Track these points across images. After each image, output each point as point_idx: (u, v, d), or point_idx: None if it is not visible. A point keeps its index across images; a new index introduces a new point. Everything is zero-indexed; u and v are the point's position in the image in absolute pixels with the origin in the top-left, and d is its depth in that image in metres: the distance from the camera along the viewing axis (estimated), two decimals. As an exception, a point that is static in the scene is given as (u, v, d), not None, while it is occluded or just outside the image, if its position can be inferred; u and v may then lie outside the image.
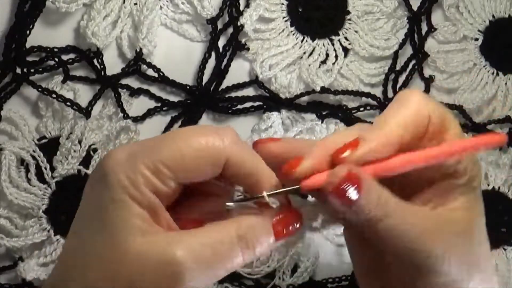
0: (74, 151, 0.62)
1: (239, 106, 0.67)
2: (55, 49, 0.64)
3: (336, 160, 0.42)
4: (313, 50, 0.68)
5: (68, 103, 0.63)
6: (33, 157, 0.62)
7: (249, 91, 0.67)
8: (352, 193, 0.41)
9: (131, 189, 0.40)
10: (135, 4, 0.66)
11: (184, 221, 0.44)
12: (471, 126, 0.68)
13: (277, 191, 0.43)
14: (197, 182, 0.43)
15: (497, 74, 0.70)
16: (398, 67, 0.69)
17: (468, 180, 0.45)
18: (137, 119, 0.65)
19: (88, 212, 0.42)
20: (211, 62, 0.67)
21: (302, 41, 0.68)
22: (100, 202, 0.41)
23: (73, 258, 0.41)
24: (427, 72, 0.69)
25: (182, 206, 0.44)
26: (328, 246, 0.65)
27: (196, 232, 0.42)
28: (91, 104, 0.65)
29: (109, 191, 0.40)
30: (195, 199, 0.45)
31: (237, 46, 0.67)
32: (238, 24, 0.66)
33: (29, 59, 0.64)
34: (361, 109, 0.68)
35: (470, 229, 0.44)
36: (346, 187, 0.41)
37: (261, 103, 0.67)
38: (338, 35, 0.68)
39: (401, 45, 0.69)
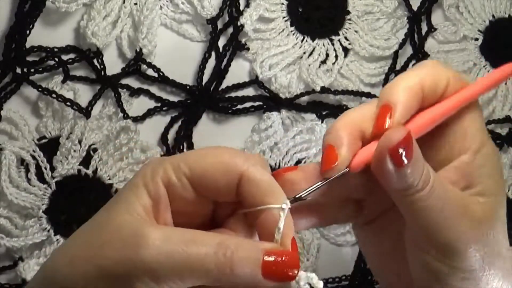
0: (74, 151, 0.62)
1: (239, 106, 0.67)
2: (55, 49, 0.64)
3: (380, 133, 0.42)
4: (313, 50, 0.68)
5: (68, 103, 0.63)
6: (33, 157, 0.62)
7: (249, 91, 0.67)
8: (407, 156, 0.41)
9: (148, 177, 0.42)
10: (135, 4, 0.66)
11: None
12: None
13: (308, 190, 0.43)
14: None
15: (497, 74, 0.70)
16: (398, 67, 0.69)
17: (483, 165, 0.45)
18: (137, 119, 0.65)
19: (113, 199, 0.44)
20: (211, 62, 0.67)
21: (302, 41, 0.68)
22: (123, 189, 0.44)
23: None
24: (427, 72, 0.69)
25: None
26: (328, 246, 0.65)
27: (180, 228, 0.42)
28: (91, 104, 0.65)
29: (134, 177, 0.43)
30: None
31: (237, 46, 0.67)
32: (238, 24, 0.66)
33: (29, 59, 0.64)
34: (361, 109, 0.68)
35: (493, 218, 0.44)
36: (402, 149, 0.41)
37: (261, 103, 0.67)
38: (338, 35, 0.68)
39: (401, 45, 0.69)
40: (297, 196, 0.43)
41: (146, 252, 0.40)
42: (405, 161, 0.41)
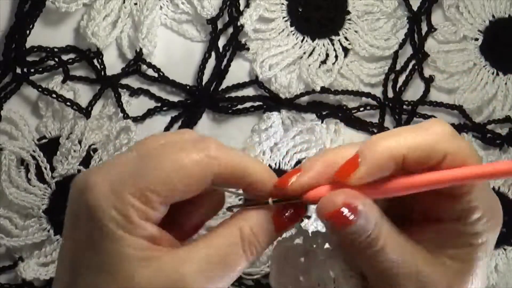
0: (74, 151, 0.62)
1: (239, 106, 0.67)
2: (55, 49, 0.64)
3: (338, 181, 0.41)
4: (313, 50, 0.68)
5: (68, 103, 0.63)
6: (33, 157, 0.62)
7: (249, 91, 0.67)
8: (348, 217, 0.40)
9: (124, 223, 0.39)
10: (135, 4, 0.66)
11: (185, 230, 0.45)
12: (471, 126, 0.68)
13: (285, 201, 0.43)
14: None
15: (497, 74, 0.70)
16: (398, 67, 0.69)
17: (477, 234, 0.42)
18: (137, 119, 0.65)
19: (83, 252, 0.40)
20: (211, 62, 0.67)
21: (302, 41, 0.68)
22: (94, 240, 0.39)
23: None
24: (427, 72, 0.69)
25: (174, 221, 0.43)
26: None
27: (199, 244, 0.41)
28: (91, 104, 0.65)
29: (101, 228, 0.39)
30: (187, 211, 0.44)
31: (237, 46, 0.67)
32: (238, 24, 0.66)
33: (29, 59, 0.64)
34: (361, 109, 0.68)
35: (453, 284, 0.43)
36: (340, 214, 0.40)
37: (261, 103, 0.67)
38: (338, 35, 0.68)
39: (401, 45, 0.69)
40: (231, 205, 0.44)
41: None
42: (343, 225, 0.40)
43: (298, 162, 0.65)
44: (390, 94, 0.68)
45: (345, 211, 0.40)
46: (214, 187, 0.43)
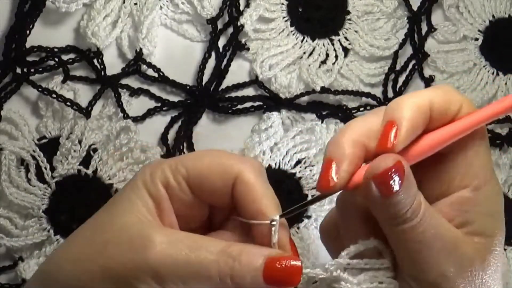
0: (74, 151, 0.62)
1: (239, 106, 0.67)
2: (55, 49, 0.64)
3: (383, 151, 0.41)
4: (313, 50, 0.68)
5: (68, 103, 0.63)
6: (33, 157, 0.62)
7: (249, 91, 0.67)
8: (394, 185, 0.40)
9: (147, 179, 0.43)
10: (135, 4, 0.66)
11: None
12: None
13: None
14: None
15: (497, 74, 0.70)
16: (398, 67, 0.69)
17: (484, 202, 0.43)
18: (137, 119, 0.65)
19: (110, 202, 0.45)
20: (211, 62, 0.67)
21: (302, 41, 0.68)
22: (122, 190, 0.45)
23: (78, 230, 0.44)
24: (427, 72, 0.69)
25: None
26: (328, 246, 0.65)
27: (185, 232, 0.42)
28: (91, 104, 0.65)
29: (133, 179, 0.44)
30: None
31: (237, 46, 0.67)
32: (238, 24, 0.66)
33: (29, 59, 0.64)
34: (361, 109, 0.68)
35: (485, 260, 0.42)
36: (390, 177, 0.40)
37: (261, 103, 0.67)
38: (338, 35, 0.68)
39: (401, 45, 0.69)
40: (288, 210, 0.43)
41: (152, 254, 0.40)
42: (393, 190, 0.40)
43: (298, 162, 0.65)
44: (390, 94, 0.68)
45: (394, 176, 0.40)
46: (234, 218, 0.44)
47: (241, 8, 0.67)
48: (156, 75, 0.66)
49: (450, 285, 0.41)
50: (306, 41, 0.68)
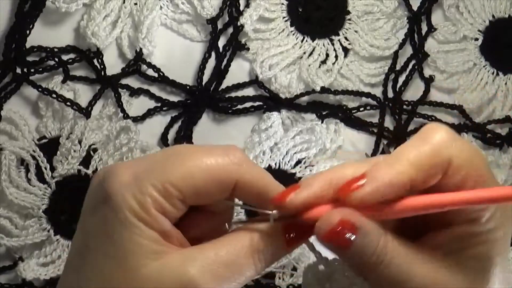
0: (74, 151, 0.62)
1: (239, 106, 0.67)
2: (55, 49, 0.64)
3: (340, 198, 0.40)
4: (313, 50, 0.68)
5: (68, 103, 0.63)
6: (33, 157, 0.62)
7: (249, 91, 0.67)
8: (347, 238, 0.39)
9: (141, 212, 0.39)
10: (135, 4, 0.66)
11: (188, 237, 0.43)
12: (471, 126, 0.68)
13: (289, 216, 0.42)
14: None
15: (497, 74, 0.70)
16: (398, 67, 0.69)
17: (492, 230, 0.41)
18: (137, 119, 0.65)
19: (94, 236, 0.40)
20: (211, 62, 0.67)
21: (302, 41, 0.68)
22: (107, 225, 0.39)
23: (80, 283, 0.40)
24: (427, 72, 0.69)
25: (183, 224, 0.43)
26: (328, 246, 0.65)
27: (209, 246, 0.41)
28: (91, 104, 0.65)
29: (117, 214, 0.39)
30: (197, 217, 0.43)
31: (237, 46, 0.67)
32: (238, 24, 0.66)
33: (29, 59, 0.64)
34: (361, 109, 0.68)
35: (482, 283, 0.41)
36: (339, 233, 0.39)
37: (261, 103, 0.67)
38: (338, 35, 0.68)
39: (401, 45, 0.69)
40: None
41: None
42: (347, 243, 0.39)
43: (298, 162, 0.65)
44: (390, 94, 0.68)
45: (343, 231, 0.39)
46: (227, 203, 0.43)
47: (241, 8, 0.67)
48: (156, 75, 0.66)
49: None
50: (306, 41, 0.68)
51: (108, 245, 0.39)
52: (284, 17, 0.68)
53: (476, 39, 0.70)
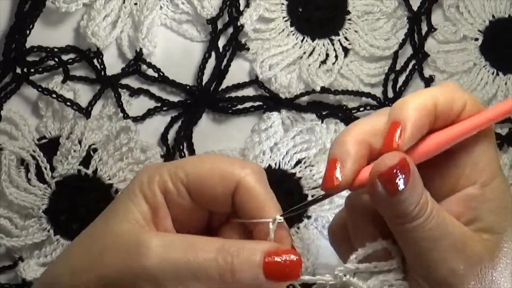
0: (74, 151, 0.62)
1: (239, 106, 0.67)
2: (55, 49, 0.64)
3: (387, 151, 0.41)
4: (313, 50, 0.68)
5: (68, 103, 0.63)
6: (33, 157, 0.62)
7: (249, 91, 0.67)
8: (400, 183, 0.40)
9: (145, 184, 0.43)
10: (135, 4, 0.66)
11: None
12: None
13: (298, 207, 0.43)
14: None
15: (497, 74, 0.70)
16: (398, 67, 0.69)
17: (496, 198, 0.43)
18: (137, 119, 0.65)
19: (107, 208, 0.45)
20: (211, 62, 0.67)
21: (302, 41, 0.68)
22: (118, 196, 0.45)
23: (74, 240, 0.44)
24: (427, 72, 0.69)
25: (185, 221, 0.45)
26: (328, 246, 0.64)
27: (180, 234, 0.43)
28: (91, 104, 0.65)
29: (131, 183, 0.44)
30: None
31: (237, 46, 0.67)
32: (238, 24, 0.66)
33: (29, 59, 0.64)
34: (361, 109, 0.68)
35: (495, 257, 0.42)
36: (395, 175, 0.39)
37: (261, 103, 0.67)
38: (338, 35, 0.68)
39: (401, 45, 0.69)
40: (289, 210, 0.43)
41: (148, 260, 0.40)
42: (399, 188, 0.40)
43: (298, 162, 0.65)
44: (390, 94, 0.68)
45: (400, 174, 0.39)
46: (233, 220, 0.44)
47: (241, 8, 0.67)
48: (156, 75, 0.66)
49: (460, 283, 0.41)
50: (306, 41, 0.68)
51: (108, 209, 0.44)
52: (284, 17, 0.68)
53: (476, 39, 0.70)
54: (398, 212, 0.40)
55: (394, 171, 0.40)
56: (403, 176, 0.40)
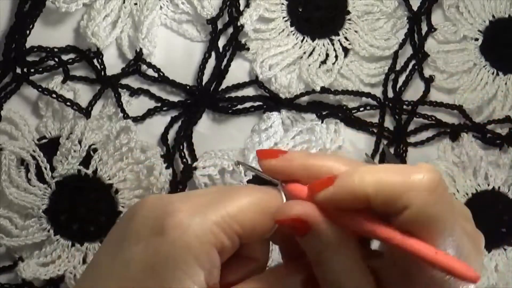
0: (74, 151, 0.62)
1: (239, 106, 0.67)
2: (55, 49, 0.64)
3: (310, 193, 0.40)
4: (313, 50, 0.68)
5: (68, 103, 0.63)
6: (33, 157, 0.62)
7: (249, 91, 0.67)
8: (299, 229, 0.39)
9: (198, 249, 0.37)
10: (135, 4, 0.66)
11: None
12: (471, 126, 0.68)
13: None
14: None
15: (497, 74, 0.70)
16: (398, 67, 0.69)
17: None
18: (137, 119, 0.65)
19: (137, 268, 0.38)
20: (211, 62, 0.67)
21: (302, 41, 0.68)
22: (157, 259, 0.38)
23: None
24: (427, 72, 0.69)
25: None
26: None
27: None
28: (91, 104, 0.65)
29: (172, 248, 0.37)
30: (234, 262, 0.42)
31: (237, 46, 0.67)
32: (238, 24, 0.66)
33: (29, 59, 0.64)
34: (361, 109, 0.68)
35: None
36: (293, 225, 0.39)
37: (261, 103, 0.67)
38: (338, 35, 0.68)
39: (401, 45, 0.69)
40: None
41: None
42: (301, 232, 0.39)
43: (298, 162, 0.65)
44: (390, 94, 0.69)
45: (297, 224, 0.39)
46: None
47: (241, 8, 0.67)
48: (156, 75, 0.66)
49: None
50: (306, 41, 0.68)
51: (151, 280, 0.38)
52: (284, 17, 0.68)
53: (476, 39, 0.70)
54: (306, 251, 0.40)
55: (291, 221, 0.39)
56: (301, 228, 0.39)
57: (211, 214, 0.38)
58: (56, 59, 0.64)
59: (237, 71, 0.67)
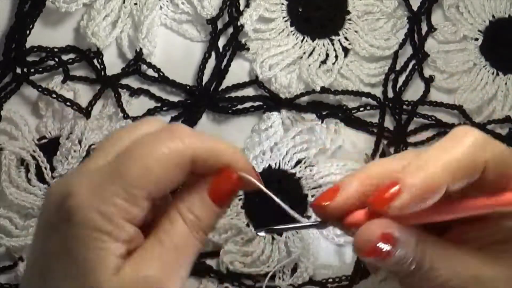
0: (74, 151, 0.62)
1: (239, 106, 0.67)
2: (55, 49, 0.64)
3: (375, 211, 0.39)
4: (313, 50, 0.68)
5: (68, 103, 0.63)
6: (33, 157, 0.62)
7: (249, 91, 0.67)
8: (387, 250, 0.39)
9: (105, 224, 0.38)
10: (135, 4, 0.66)
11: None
12: (471, 126, 0.68)
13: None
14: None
15: (497, 74, 0.70)
16: (398, 67, 0.69)
17: None
18: (137, 119, 0.65)
19: (56, 257, 0.39)
20: (211, 62, 0.67)
21: (302, 41, 0.68)
22: (70, 245, 0.38)
23: None
24: (427, 72, 0.69)
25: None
26: (328, 246, 0.65)
27: (151, 243, 0.40)
28: (91, 104, 0.65)
29: (80, 231, 0.38)
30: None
31: (237, 46, 0.67)
32: (238, 24, 0.66)
33: (29, 59, 0.64)
34: (361, 109, 0.68)
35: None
36: (380, 248, 0.39)
37: (261, 103, 0.67)
38: (338, 35, 0.68)
39: (401, 45, 0.69)
40: (273, 228, 0.43)
41: None
42: (385, 256, 0.39)
43: (298, 162, 0.65)
44: (390, 94, 0.68)
45: (382, 245, 0.39)
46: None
47: (241, 8, 0.67)
48: (156, 75, 0.66)
49: None
50: (306, 41, 0.68)
51: (70, 265, 0.38)
52: (284, 17, 0.68)
53: (476, 39, 0.70)
54: (395, 271, 0.40)
55: (374, 247, 0.39)
56: (388, 244, 0.39)
57: (111, 187, 0.38)
58: (56, 59, 0.64)
59: (237, 71, 0.67)
